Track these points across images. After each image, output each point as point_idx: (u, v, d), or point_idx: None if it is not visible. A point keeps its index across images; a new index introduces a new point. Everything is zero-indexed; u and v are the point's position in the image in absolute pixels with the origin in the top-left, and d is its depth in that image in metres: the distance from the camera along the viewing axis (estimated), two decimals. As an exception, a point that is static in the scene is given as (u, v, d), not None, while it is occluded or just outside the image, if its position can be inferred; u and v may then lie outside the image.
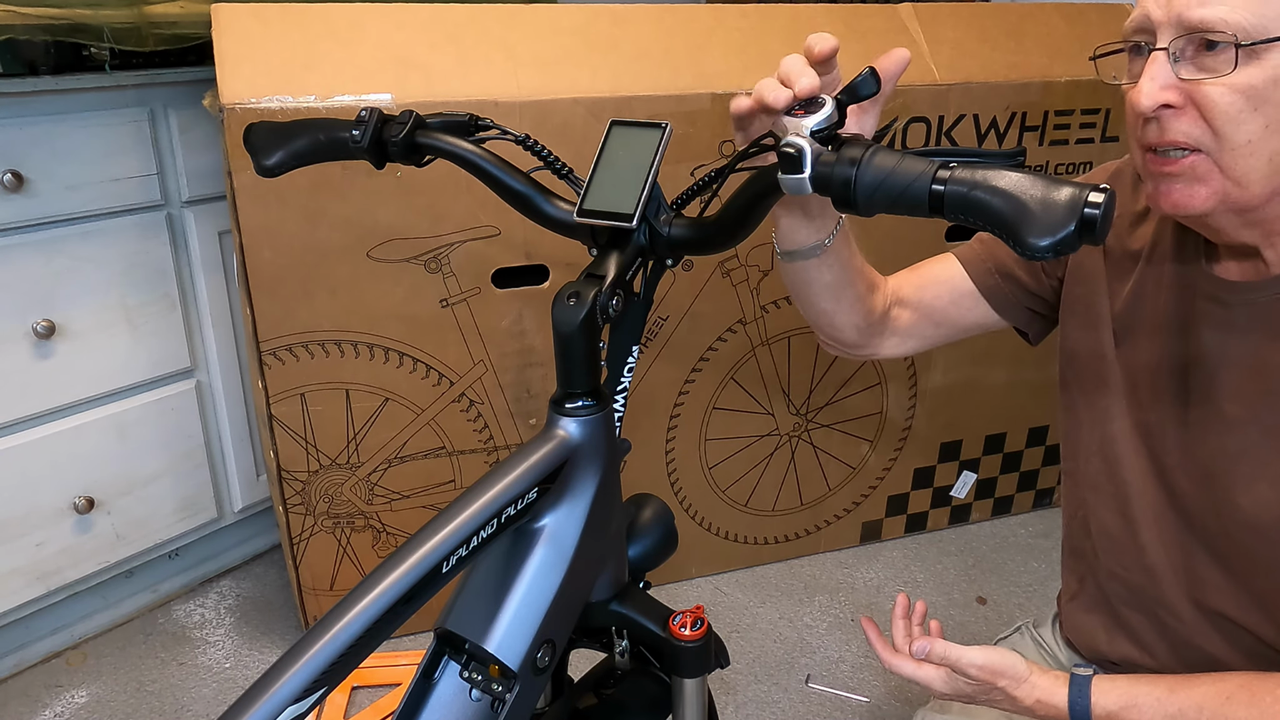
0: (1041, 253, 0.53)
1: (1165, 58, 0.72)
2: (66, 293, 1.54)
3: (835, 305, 0.94)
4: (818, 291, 0.92)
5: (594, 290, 0.65)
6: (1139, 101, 0.73)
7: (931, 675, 0.91)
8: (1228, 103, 0.70)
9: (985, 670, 0.86)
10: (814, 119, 0.62)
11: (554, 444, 0.68)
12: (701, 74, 1.59)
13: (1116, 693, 0.82)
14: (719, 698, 1.63)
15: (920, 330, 1.02)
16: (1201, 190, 0.74)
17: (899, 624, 0.97)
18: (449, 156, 0.80)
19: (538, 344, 1.63)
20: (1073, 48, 1.82)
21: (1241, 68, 0.70)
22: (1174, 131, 0.73)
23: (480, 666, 0.69)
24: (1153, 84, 0.72)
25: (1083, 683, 0.83)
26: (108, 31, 1.44)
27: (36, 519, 1.59)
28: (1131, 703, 0.81)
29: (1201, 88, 0.71)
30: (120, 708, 1.61)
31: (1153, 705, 0.80)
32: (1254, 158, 0.72)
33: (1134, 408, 0.92)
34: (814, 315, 0.96)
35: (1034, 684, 0.85)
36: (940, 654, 0.89)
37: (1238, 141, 0.71)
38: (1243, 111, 0.70)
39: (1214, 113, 0.71)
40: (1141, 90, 0.73)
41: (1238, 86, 0.70)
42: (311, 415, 1.56)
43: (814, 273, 0.89)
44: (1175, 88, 0.72)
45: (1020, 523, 2.17)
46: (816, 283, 0.91)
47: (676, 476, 1.85)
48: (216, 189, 1.67)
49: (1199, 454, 0.85)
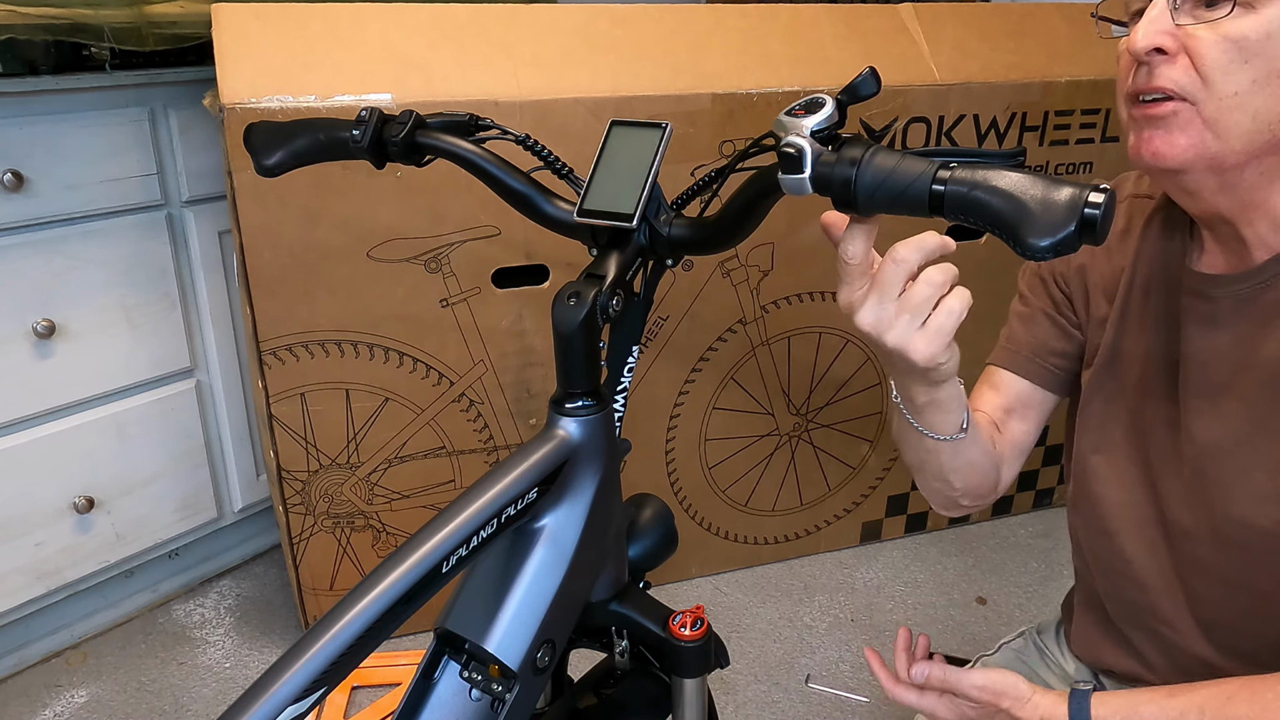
0: (1042, 253, 0.53)
1: (1165, 4, 0.73)
2: (66, 292, 1.54)
3: (986, 459, 0.94)
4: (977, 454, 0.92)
5: (594, 290, 0.65)
6: (1134, 42, 0.74)
7: (934, 704, 0.90)
8: (1220, 51, 0.71)
9: (987, 691, 0.85)
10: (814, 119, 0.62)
11: (554, 444, 0.68)
12: (701, 74, 1.59)
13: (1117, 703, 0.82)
14: (719, 698, 1.63)
15: (1020, 442, 1.02)
16: (1181, 139, 0.74)
17: (901, 656, 0.96)
18: (449, 156, 0.80)
19: (538, 344, 1.63)
20: (1073, 48, 1.82)
21: (1237, 17, 0.71)
22: (1162, 77, 0.74)
23: (480, 666, 0.69)
24: (1150, 26, 0.73)
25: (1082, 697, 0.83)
26: (108, 31, 1.44)
27: (36, 519, 1.59)
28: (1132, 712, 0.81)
29: (1195, 36, 0.72)
30: (120, 707, 1.61)
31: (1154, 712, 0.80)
32: (1239, 111, 0.72)
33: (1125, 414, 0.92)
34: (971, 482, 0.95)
35: (1036, 704, 0.84)
36: (939, 678, 0.88)
37: (1225, 92, 0.72)
38: (1233, 62, 0.71)
39: (1205, 61, 0.72)
40: (1138, 32, 0.74)
41: (1231, 35, 0.71)
42: (311, 415, 1.56)
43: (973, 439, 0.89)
44: (1170, 33, 0.73)
45: (1020, 523, 2.17)
46: (977, 446, 0.91)
47: (676, 476, 1.85)
48: (216, 189, 1.67)
49: (1189, 452, 0.85)
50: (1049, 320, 1.00)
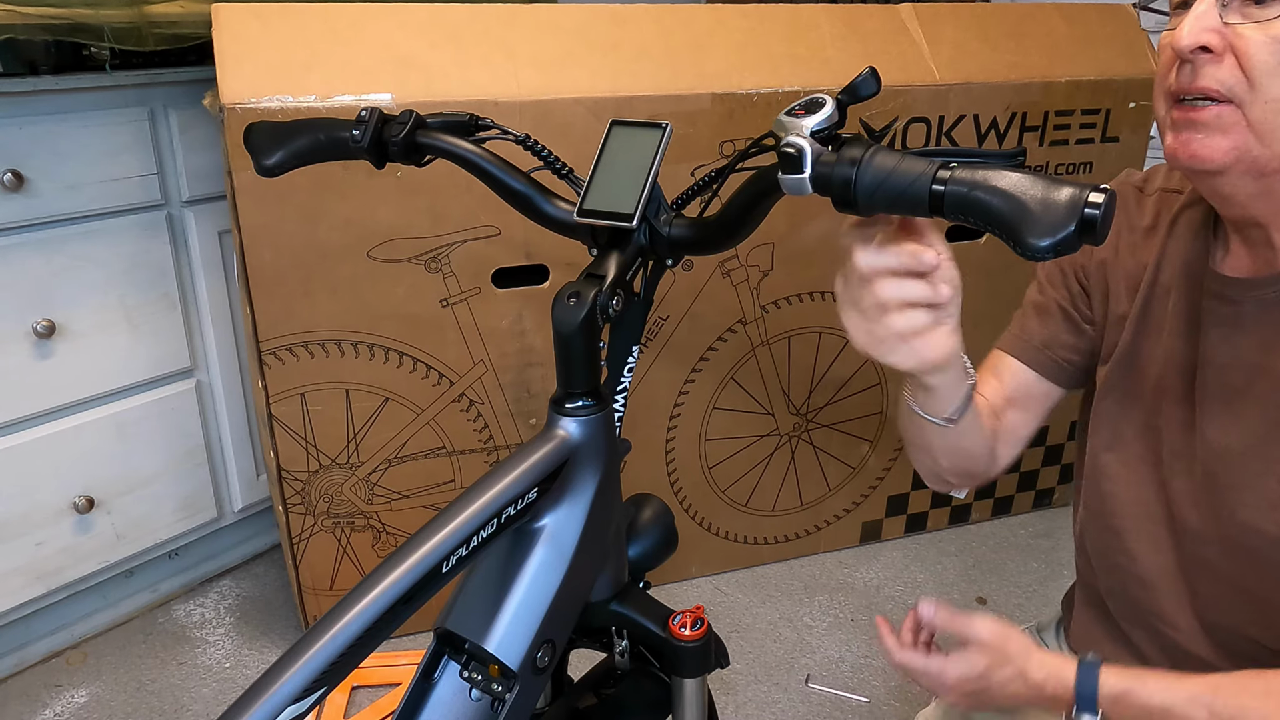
0: (1041, 253, 0.53)
1: (1214, 1, 0.71)
2: (66, 292, 1.54)
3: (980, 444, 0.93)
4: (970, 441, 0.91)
5: (594, 290, 0.65)
6: (1179, 39, 0.72)
7: (940, 664, 0.89)
8: (1269, 53, 0.70)
9: (997, 636, 0.84)
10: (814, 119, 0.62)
11: (554, 444, 0.68)
12: (701, 74, 1.59)
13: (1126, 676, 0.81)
14: (719, 698, 1.63)
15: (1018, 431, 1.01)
16: (1223, 142, 0.73)
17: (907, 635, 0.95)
18: (449, 156, 0.80)
19: (538, 344, 1.63)
20: (1073, 48, 1.82)
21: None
22: (1207, 77, 0.72)
23: (480, 666, 0.69)
24: (1196, 23, 0.71)
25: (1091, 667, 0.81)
26: (108, 31, 1.44)
27: (36, 518, 1.59)
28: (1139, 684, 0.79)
29: (1244, 36, 0.70)
30: (120, 707, 1.61)
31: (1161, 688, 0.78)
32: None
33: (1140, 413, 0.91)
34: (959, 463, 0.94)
35: (1043, 660, 0.83)
36: (945, 618, 0.87)
37: (1272, 94, 0.70)
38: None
39: (1252, 62, 0.70)
40: (1184, 29, 0.72)
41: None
42: (311, 415, 1.56)
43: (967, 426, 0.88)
44: (1217, 31, 0.71)
45: (1020, 523, 2.17)
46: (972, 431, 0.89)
47: (676, 476, 1.85)
48: (216, 189, 1.67)
49: (1202, 454, 0.85)
50: (1063, 314, 0.98)
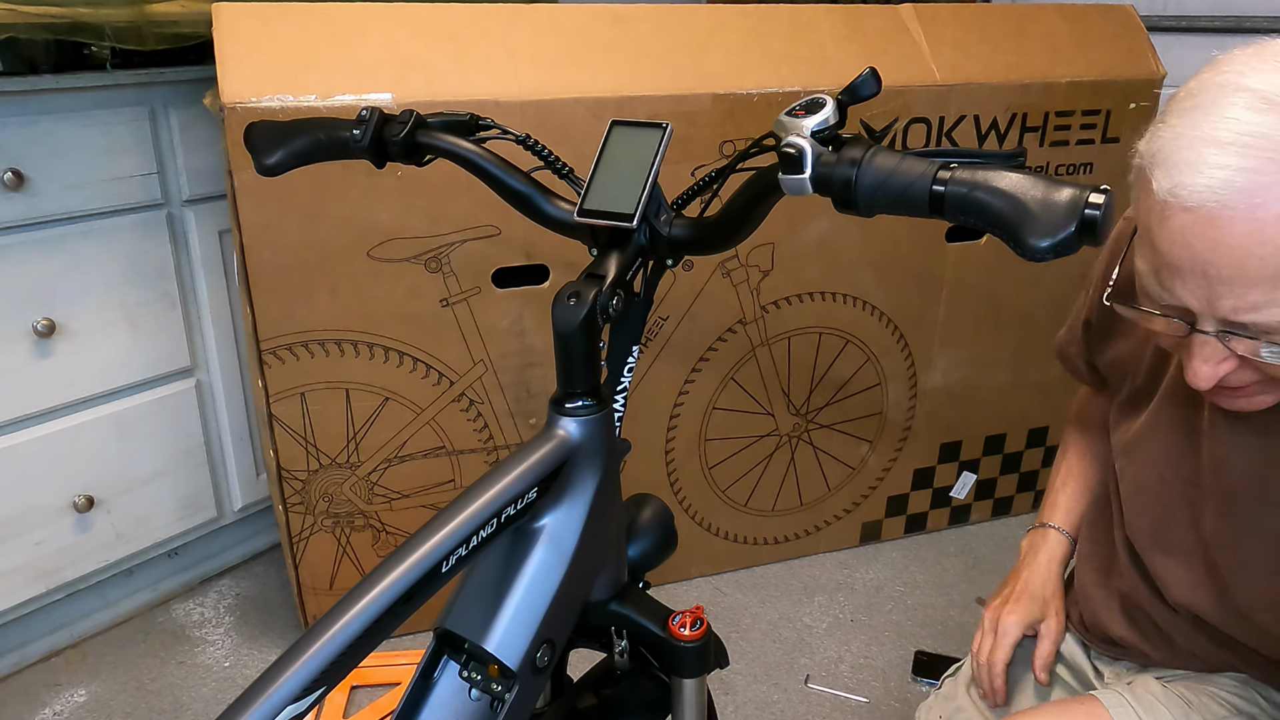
0: (1042, 253, 0.53)
1: (1215, 340, 0.70)
2: (66, 291, 1.54)
3: None
4: None
5: (594, 290, 0.65)
6: (1197, 384, 0.72)
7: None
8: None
9: None
10: (815, 119, 0.62)
11: (554, 444, 0.68)
12: (701, 74, 1.59)
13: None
14: (718, 698, 1.63)
15: None
16: (1266, 399, 0.74)
17: None
18: (449, 156, 0.80)
19: (538, 344, 1.63)
20: (1073, 49, 1.82)
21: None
22: (1235, 380, 0.72)
23: (480, 666, 0.69)
24: (1207, 365, 0.71)
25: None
26: (108, 30, 1.44)
27: (36, 518, 1.59)
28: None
29: (1259, 354, 0.69)
30: (120, 707, 1.61)
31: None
32: None
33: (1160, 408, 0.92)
34: None
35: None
36: None
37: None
38: None
39: (1276, 371, 0.70)
40: (1199, 374, 0.71)
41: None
42: (311, 415, 1.56)
43: None
44: (1230, 359, 0.70)
45: (1020, 523, 2.17)
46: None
47: (676, 476, 1.85)
48: (217, 188, 1.67)
49: (1220, 451, 0.85)
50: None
